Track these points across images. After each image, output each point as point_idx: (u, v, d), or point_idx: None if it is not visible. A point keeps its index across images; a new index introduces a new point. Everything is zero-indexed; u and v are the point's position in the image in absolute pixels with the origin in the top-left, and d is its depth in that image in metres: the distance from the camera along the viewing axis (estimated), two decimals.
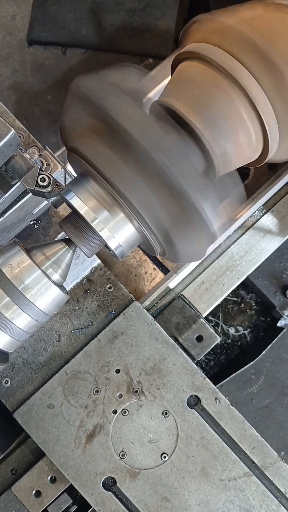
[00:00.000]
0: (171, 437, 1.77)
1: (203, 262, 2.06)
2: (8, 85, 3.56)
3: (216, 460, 1.75)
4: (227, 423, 1.78)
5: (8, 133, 1.39)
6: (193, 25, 1.62)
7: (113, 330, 1.81)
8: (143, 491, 1.74)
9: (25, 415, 1.78)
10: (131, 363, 1.80)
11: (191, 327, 1.90)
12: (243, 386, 2.95)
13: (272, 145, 1.53)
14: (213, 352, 2.68)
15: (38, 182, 1.48)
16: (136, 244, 1.49)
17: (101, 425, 1.77)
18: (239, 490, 1.75)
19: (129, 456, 1.75)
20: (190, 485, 1.75)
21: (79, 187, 1.40)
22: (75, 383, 1.79)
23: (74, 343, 1.83)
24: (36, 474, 1.81)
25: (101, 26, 3.53)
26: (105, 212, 1.39)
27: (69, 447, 1.76)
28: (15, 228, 1.74)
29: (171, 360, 1.79)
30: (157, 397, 1.78)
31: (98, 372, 1.79)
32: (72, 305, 1.85)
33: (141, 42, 3.50)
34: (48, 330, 1.83)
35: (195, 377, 1.79)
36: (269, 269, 2.44)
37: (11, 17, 3.64)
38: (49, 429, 1.77)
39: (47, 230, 1.84)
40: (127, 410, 1.78)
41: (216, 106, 1.44)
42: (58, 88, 3.54)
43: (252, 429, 1.78)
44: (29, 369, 1.82)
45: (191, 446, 1.76)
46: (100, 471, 1.75)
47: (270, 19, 1.52)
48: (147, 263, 2.36)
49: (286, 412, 2.97)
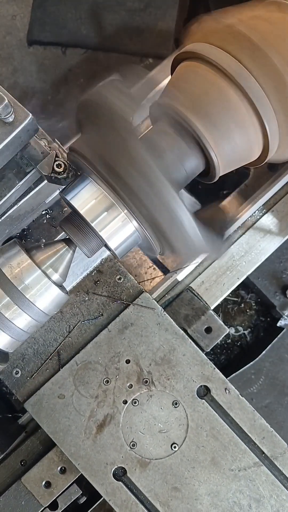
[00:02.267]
0: (181, 427, 1.77)
1: (203, 262, 2.06)
2: (8, 85, 3.56)
3: (226, 450, 1.76)
4: (237, 413, 1.78)
5: (26, 118, 1.39)
6: (194, 25, 1.62)
7: (123, 320, 1.82)
8: (153, 481, 1.74)
9: (36, 405, 1.78)
10: (141, 354, 1.80)
11: (200, 318, 1.91)
12: (243, 386, 2.95)
13: (272, 145, 1.53)
14: (213, 352, 2.68)
15: (54, 168, 1.48)
16: (136, 244, 1.50)
17: (112, 415, 1.77)
18: (249, 480, 1.75)
19: (139, 446, 1.76)
20: (200, 475, 1.75)
21: (79, 187, 1.41)
22: (86, 373, 1.79)
23: (84, 333, 1.83)
24: (46, 465, 1.81)
25: (101, 26, 3.55)
26: (105, 212, 1.39)
27: (79, 437, 1.76)
28: (28, 217, 1.74)
29: (180, 350, 1.80)
30: (167, 387, 1.78)
31: (108, 362, 1.80)
32: (82, 296, 1.85)
33: (141, 42, 3.51)
34: (58, 321, 1.83)
35: (204, 367, 1.79)
36: (269, 269, 2.45)
37: (11, 17, 3.65)
38: (60, 419, 1.77)
39: (58, 219, 1.84)
40: (137, 400, 1.78)
41: (216, 106, 1.45)
42: (58, 88, 3.55)
43: (261, 420, 1.78)
44: (40, 359, 1.82)
45: (201, 436, 1.76)
46: (111, 461, 1.75)
47: (270, 19, 1.53)
48: (147, 263, 2.36)
49: (286, 412, 2.97)
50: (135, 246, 1.51)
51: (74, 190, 1.41)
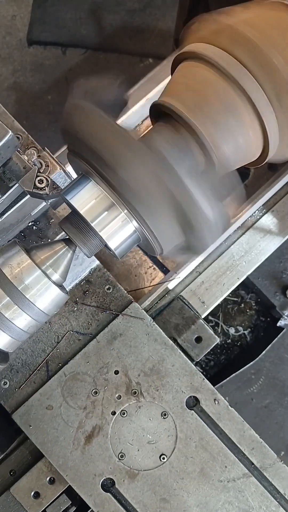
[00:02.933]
0: (170, 438, 1.76)
1: (203, 262, 2.06)
2: (8, 85, 3.57)
3: (215, 461, 1.75)
4: (226, 424, 1.77)
5: (6, 135, 1.39)
6: (193, 25, 1.62)
7: (112, 331, 1.81)
8: (142, 492, 1.74)
9: (24, 416, 1.78)
10: (130, 364, 1.79)
11: (190, 328, 1.90)
12: (243, 386, 2.95)
13: (272, 145, 1.53)
14: (213, 352, 2.68)
15: (36, 184, 1.48)
16: (136, 244, 1.49)
17: (100, 426, 1.77)
18: (238, 491, 1.74)
19: (128, 457, 1.75)
20: (189, 486, 1.75)
21: (79, 187, 1.40)
22: (74, 384, 1.79)
23: (72, 344, 1.83)
24: (35, 475, 1.80)
25: (101, 26, 3.54)
26: (105, 212, 1.38)
27: (68, 448, 1.76)
28: (14, 229, 1.74)
29: (170, 361, 1.79)
30: (156, 398, 1.78)
31: (97, 373, 1.79)
32: (71, 306, 1.85)
33: (141, 42, 3.51)
34: (46, 332, 1.83)
35: (194, 378, 1.79)
36: (269, 269, 2.44)
37: (11, 17, 3.64)
38: (48, 430, 1.77)
39: (45, 231, 1.83)
40: (126, 411, 1.78)
41: (216, 106, 1.44)
42: (58, 88, 3.55)
43: (251, 430, 1.78)
44: (28, 370, 1.82)
45: (190, 447, 1.76)
46: (99, 472, 1.74)
47: (270, 19, 1.52)
48: (147, 263, 2.36)
49: (286, 412, 2.98)
50: (135, 246, 1.51)
51: (74, 190, 1.41)
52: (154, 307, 1.97)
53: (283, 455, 3.01)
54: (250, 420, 1.81)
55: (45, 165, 1.59)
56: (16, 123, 1.68)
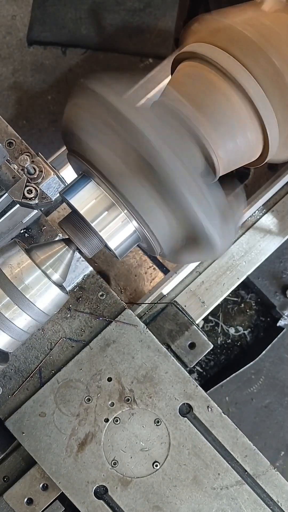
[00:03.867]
0: (163, 446, 1.76)
1: (203, 262, 2.06)
2: (8, 85, 3.56)
3: (208, 468, 1.75)
4: (219, 432, 1.77)
5: None
6: (194, 25, 1.62)
7: (105, 338, 1.81)
8: (135, 500, 1.74)
9: (17, 423, 1.78)
10: (123, 371, 1.79)
11: (184, 334, 1.90)
12: (243, 386, 2.95)
13: (272, 145, 1.53)
14: (213, 352, 2.68)
15: (24, 194, 1.48)
16: (136, 243, 1.50)
17: (93, 433, 1.77)
18: (231, 499, 1.74)
19: (120, 464, 1.75)
20: (182, 493, 1.74)
21: (79, 187, 1.41)
22: (67, 392, 1.79)
23: (66, 351, 1.83)
24: (28, 482, 1.81)
25: (101, 26, 3.53)
26: (105, 212, 1.39)
27: (60, 456, 1.76)
28: (5, 237, 1.74)
29: (163, 368, 1.79)
30: (149, 405, 1.78)
31: (90, 380, 1.79)
32: (64, 312, 1.84)
33: (141, 42, 3.50)
34: (39, 338, 1.83)
35: (187, 385, 1.78)
36: (269, 269, 2.44)
37: (11, 17, 3.64)
38: (41, 438, 1.77)
39: (37, 239, 1.83)
40: (119, 418, 1.77)
41: (216, 106, 1.44)
42: (58, 88, 3.54)
43: (244, 438, 1.77)
44: (21, 377, 1.82)
45: (183, 454, 1.76)
46: (92, 480, 1.74)
47: (270, 19, 1.51)
48: (147, 263, 2.36)
49: (286, 412, 2.97)
50: (135, 246, 1.51)
51: (74, 190, 1.42)
52: (147, 313, 1.97)
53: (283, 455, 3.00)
54: (250, 420, 1.82)
55: (38, 170, 1.58)
56: (10, 128, 1.68)
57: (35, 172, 1.57)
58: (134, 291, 2.35)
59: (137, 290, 2.34)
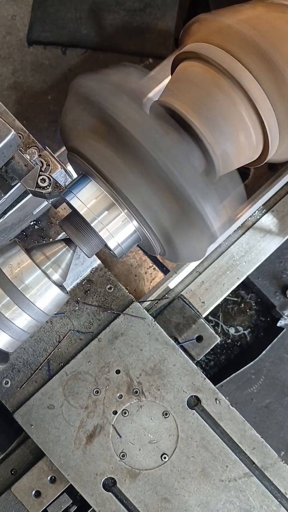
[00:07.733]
0: (171, 438, 1.76)
1: (203, 262, 2.05)
2: (8, 85, 3.56)
3: (216, 460, 1.75)
4: (227, 424, 1.78)
5: (8, 134, 1.38)
6: (193, 25, 1.61)
7: (113, 330, 1.81)
8: (143, 492, 1.74)
9: (25, 415, 1.78)
10: (131, 364, 1.79)
11: (191, 327, 1.90)
12: (243, 386, 2.95)
13: (272, 145, 1.52)
14: (213, 352, 2.68)
15: (38, 183, 1.47)
16: (136, 244, 1.49)
17: (101, 425, 1.77)
18: (239, 491, 1.74)
19: (129, 456, 1.75)
20: (190, 485, 1.75)
21: (79, 187, 1.40)
22: (75, 384, 1.79)
23: (74, 343, 1.83)
24: (36, 474, 1.80)
25: (101, 26, 3.54)
26: (105, 212, 1.38)
27: (69, 448, 1.76)
28: (15, 228, 1.74)
29: (171, 360, 1.79)
30: (157, 397, 1.78)
31: (98, 372, 1.79)
32: (72, 305, 1.85)
33: (141, 42, 3.51)
34: (48, 331, 1.83)
35: (195, 377, 1.79)
36: (269, 269, 2.44)
37: (11, 17, 3.64)
38: (49, 430, 1.77)
39: (46, 230, 1.83)
40: (127, 410, 1.78)
41: (216, 106, 1.43)
42: (58, 88, 3.55)
43: (252, 430, 1.78)
44: (29, 369, 1.82)
45: (191, 446, 1.76)
46: (100, 472, 1.75)
47: (271, 19, 1.51)
48: (147, 263, 2.36)
49: (286, 412, 2.98)
50: (135, 246, 1.50)
51: (74, 190, 1.40)
52: (154, 306, 1.97)
53: (283, 455, 3.01)
54: (250, 420, 1.81)
55: (46, 164, 1.58)
56: (17, 122, 1.68)
57: (43, 165, 1.57)
58: (134, 291, 2.34)
59: (137, 290, 2.34)
